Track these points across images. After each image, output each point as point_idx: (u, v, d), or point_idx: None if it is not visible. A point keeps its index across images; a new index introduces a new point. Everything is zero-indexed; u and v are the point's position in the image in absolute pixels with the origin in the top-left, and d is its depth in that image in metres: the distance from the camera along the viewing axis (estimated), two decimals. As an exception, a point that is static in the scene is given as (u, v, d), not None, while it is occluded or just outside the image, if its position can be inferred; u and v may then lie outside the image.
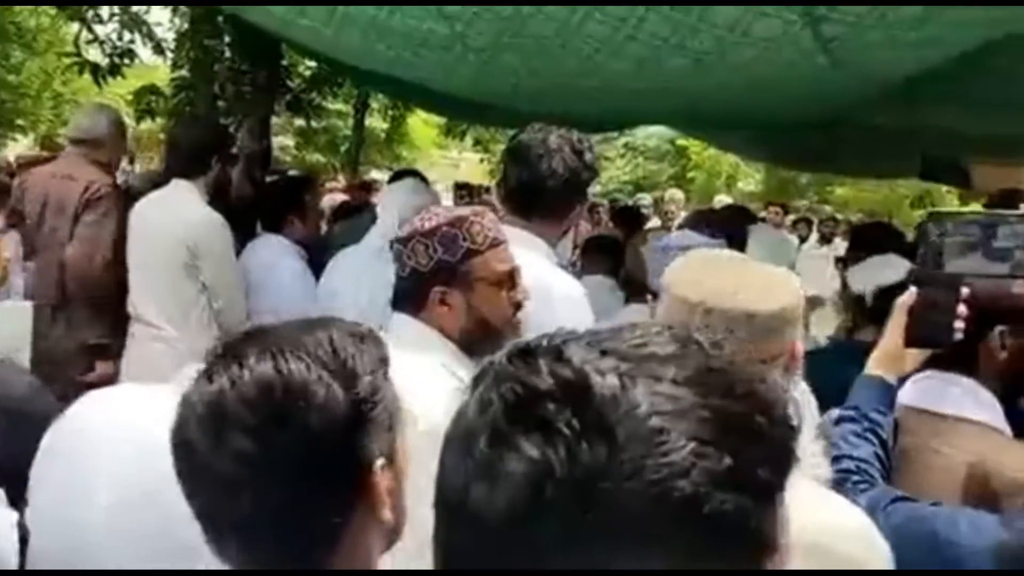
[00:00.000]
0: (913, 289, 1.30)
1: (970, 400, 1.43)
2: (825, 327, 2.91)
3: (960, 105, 3.67)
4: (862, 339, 2.07)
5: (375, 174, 11.75)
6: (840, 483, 1.35)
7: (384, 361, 0.89)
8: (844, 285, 2.59)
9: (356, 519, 0.84)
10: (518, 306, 1.63)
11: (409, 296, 1.60)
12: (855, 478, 1.37)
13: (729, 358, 0.55)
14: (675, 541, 0.49)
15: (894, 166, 6.01)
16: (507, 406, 0.52)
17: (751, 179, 16.62)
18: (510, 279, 1.61)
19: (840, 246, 7.15)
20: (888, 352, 1.41)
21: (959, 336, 1.30)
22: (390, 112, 10.17)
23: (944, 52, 2.54)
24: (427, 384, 1.28)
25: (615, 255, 3.71)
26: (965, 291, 1.23)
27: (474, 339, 1.56)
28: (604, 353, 0.53)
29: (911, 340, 1.37)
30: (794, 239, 7.74)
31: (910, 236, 3.14)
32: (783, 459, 0.54)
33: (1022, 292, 0.87)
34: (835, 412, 1.46)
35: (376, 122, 11.91)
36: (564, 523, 0.48)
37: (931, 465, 1.43)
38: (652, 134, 15.82)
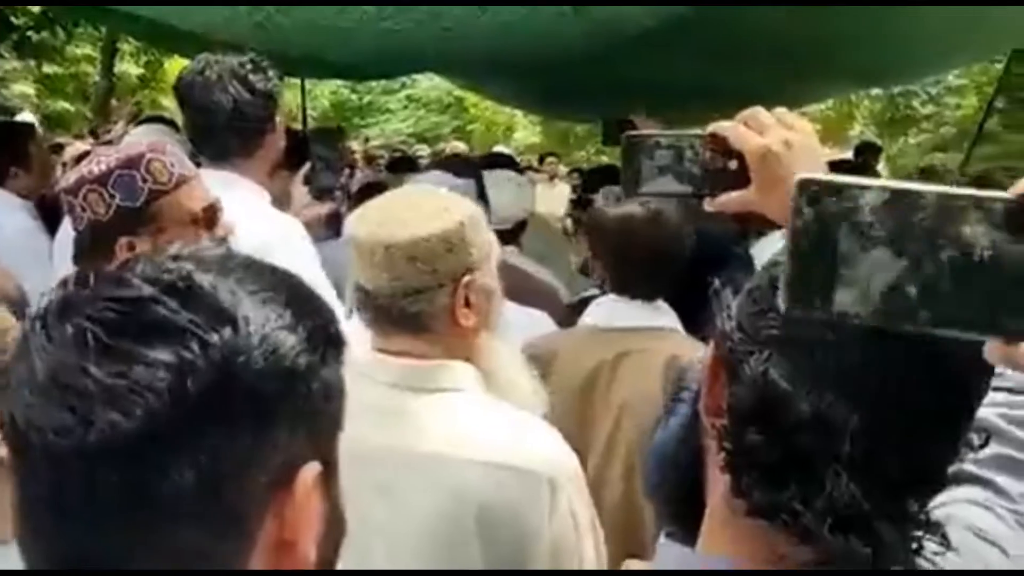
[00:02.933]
0: None
1: (653, 312, 1.68)
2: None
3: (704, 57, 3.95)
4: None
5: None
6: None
7: None
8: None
9: None
10: (222, 243, 1.50)
11: (93, 250, 1.45)
12: None
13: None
14: (293, 402, 0.55)
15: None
16: (108, 325, 0.51)
17: (530, 130, 17.05)
18: (207, 216, 1.49)
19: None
20: None
21: None
22: (144, 56, 9.39)
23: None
24: None
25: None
26: None
27: None
28: (175, 258, 0.56)
29: None
30: (564, 187, 8.06)
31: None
32: (336, 317, 0.62)
33: (712, 211, 0.93)
34: None
35: (129, 67, 10.97)
36: (209, 415, 0.51)
37: (645, 366, 1.60)
38: (434, 86, 15.76)
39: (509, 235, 2.64)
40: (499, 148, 10.19)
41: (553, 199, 7.19)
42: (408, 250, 1.16)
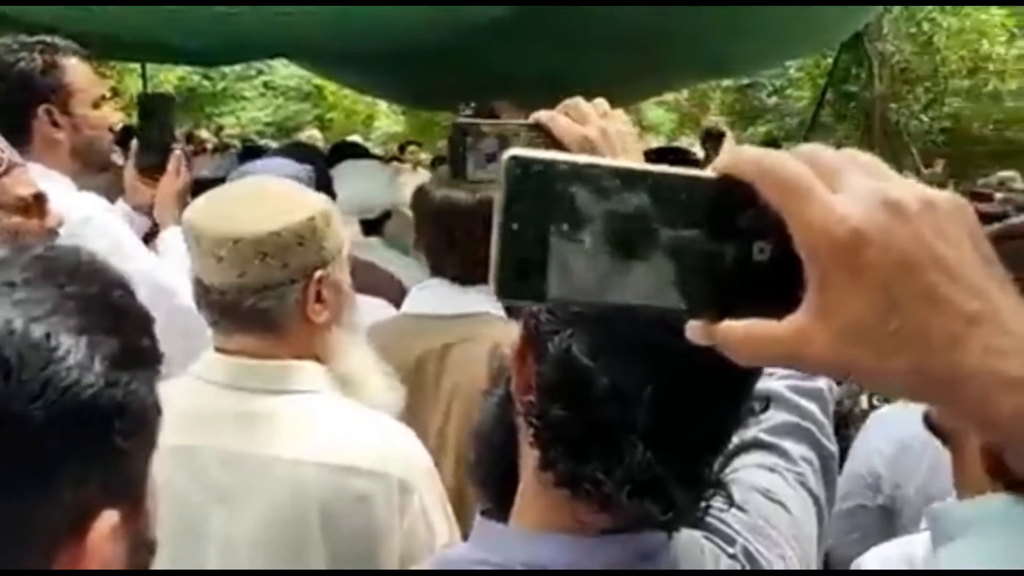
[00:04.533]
0: None
1: (477, 297, 1.67)
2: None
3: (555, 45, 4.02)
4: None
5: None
6: None
7: None
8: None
9: None
10: (51, 234, 1.43)
11: None
12: None
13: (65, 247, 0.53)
14: (86, 451, 0.48)
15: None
16: None
17: (392, 119, 16.86)
18: (38, 205, 1.41)
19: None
20: None
21: None
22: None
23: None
24: None
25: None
26: None
27: None
28: None
29: None
30: (427, 176, 8.03)
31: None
32: (150, 326, 0.55)
33: None
34: None
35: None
36: None
37: (472, 355, 1.60)
38: (293, 73, 15.30)
39: (374, 225, 2.62)
40: (355, 137, 10.03)
41: (416, 188, 7.15)
42: (257, 244, 1.12)
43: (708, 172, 0.40)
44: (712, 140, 7.14)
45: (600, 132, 0.86)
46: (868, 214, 0.38)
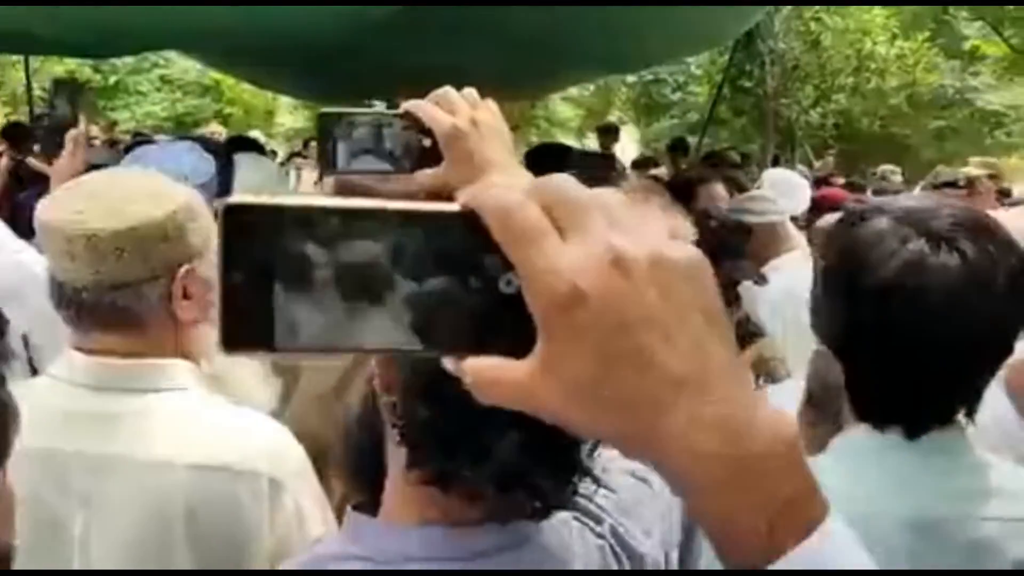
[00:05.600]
0: None
1: None
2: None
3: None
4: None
5: None
6: None
7: None
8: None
9: None
10: None
11: None
12: None
13: None
14: None
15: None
16: None
17: (296, 115, 16.53)
18: None
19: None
20: None
21: None
22: None
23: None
24: None
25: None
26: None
27: None
28: None
29: None
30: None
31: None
32: (1, 327, 0.53)
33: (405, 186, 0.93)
34: None
35: None
36: None
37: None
38: (191, 67, 14.79)
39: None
40: (256, 133, 9.79)
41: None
42: (113, 240, 1.07)
43: (451, 206, 0.39)
44: (607, 134, 7.35)
45: (470, 122, 0.85)
46: (591, 270, 0.36)
